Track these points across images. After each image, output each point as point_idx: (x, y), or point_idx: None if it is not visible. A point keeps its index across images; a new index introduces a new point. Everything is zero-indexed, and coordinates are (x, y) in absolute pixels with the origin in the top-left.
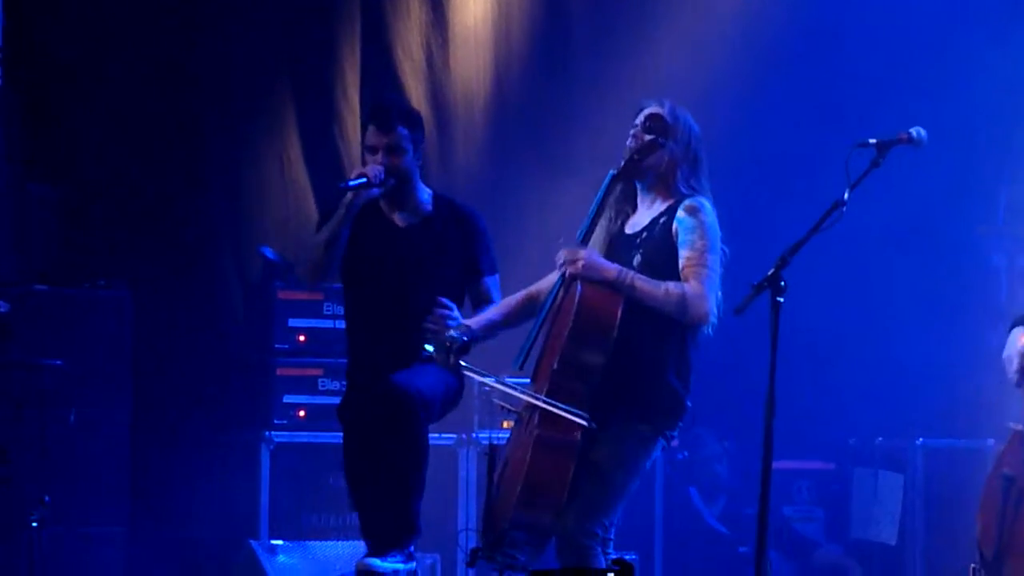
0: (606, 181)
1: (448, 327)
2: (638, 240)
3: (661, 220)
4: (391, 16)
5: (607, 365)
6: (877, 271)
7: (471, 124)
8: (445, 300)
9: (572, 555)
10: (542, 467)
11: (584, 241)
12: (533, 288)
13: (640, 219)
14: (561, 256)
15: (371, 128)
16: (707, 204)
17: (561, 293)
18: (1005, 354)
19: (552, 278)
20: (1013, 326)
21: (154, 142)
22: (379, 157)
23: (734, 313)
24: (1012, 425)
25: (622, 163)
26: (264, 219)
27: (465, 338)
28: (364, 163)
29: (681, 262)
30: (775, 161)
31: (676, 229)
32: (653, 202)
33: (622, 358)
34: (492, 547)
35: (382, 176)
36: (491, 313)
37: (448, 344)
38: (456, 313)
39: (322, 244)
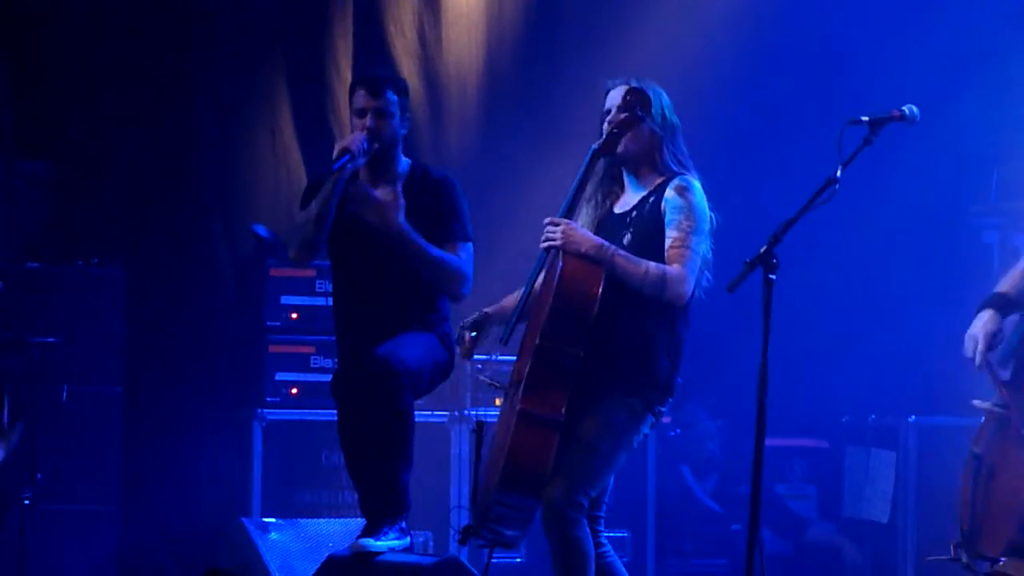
0: (587, 156)
1: (386, 208)
2: (628, 219)
3: (650, 199)
4: None
5: (591, 338)
6: (870, 249)
7: (463, 101)
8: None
9: (556, 527)
10: (525, 442)
11: (567, 216)
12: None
13: (629, 199)
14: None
15: (360, 92)
16: (696, 184)
17: (544, 269)
18: (969, 332)
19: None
20: (980, 307)
21: (145, 118)
22: (367, 120)
23: (727, 291)
24: (975, 403)
25: (602, 138)
26: (256, 196)
27: (473, 334)
28: (352, 128)
29: (667, 242)
30: (767, 138)
31: (664, 208)
32: (641, 181)
33: (612, 333)
34: (478, 522)
35: (365, 144)
36: (506, 300)
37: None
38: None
39: (312, 220)
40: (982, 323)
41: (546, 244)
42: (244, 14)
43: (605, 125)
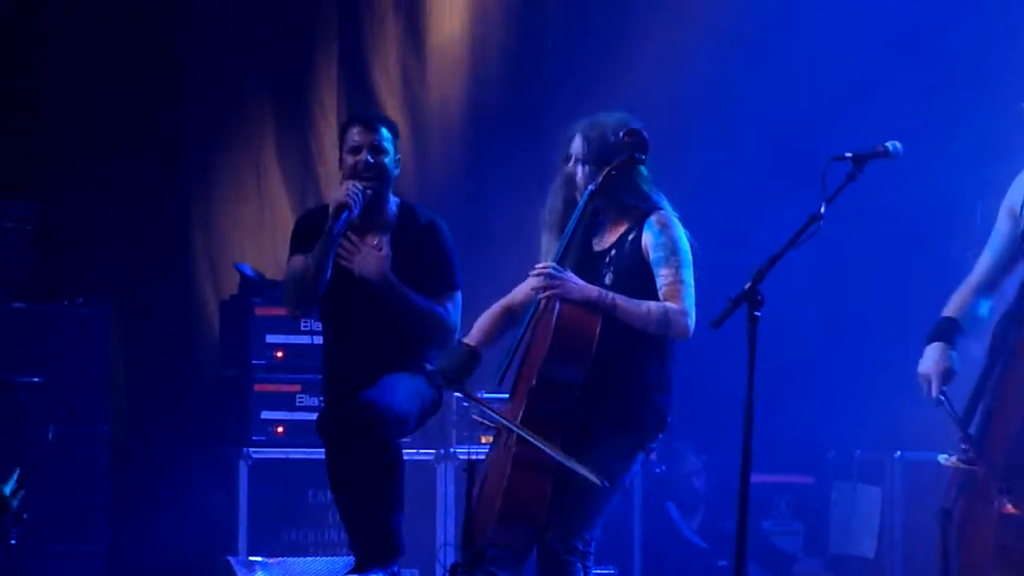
0: (583, 200)
1: (369, 260)
2: (607, 258)
3: (629, 236)
4: (367, 32)
5: (585, 383)
6: (854, 283)
7: (448, 139)
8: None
9: (553, 571)
10: (521, 484)
11: (560, 262)
12: (506, 300)
13: (606, 236)
14: (539, 279)
15: (355, 129)
16: (673, 216)
17: (540, 310)
18: (920, 370)
19: (526, 288)
20: (929, 338)
21: (130, 158)
22: (363, 156)
23: (711, 327)
24: (941, 460)
25: (600, 180)
26: (241, 235)
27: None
28: (343, 165)
29: (659, 281)
30: (752, 173)
31: (647, 245)
32: (617, 217)
33: (603, 375)
34: (471, 564)
35: (359, 196)
36: (483, 323)
37: (446, 369)
38: (388, 260)
39: (311, 277)
40: (932, 361)
41: (546, 294)
42: (229, 54)
43: (577, 168)
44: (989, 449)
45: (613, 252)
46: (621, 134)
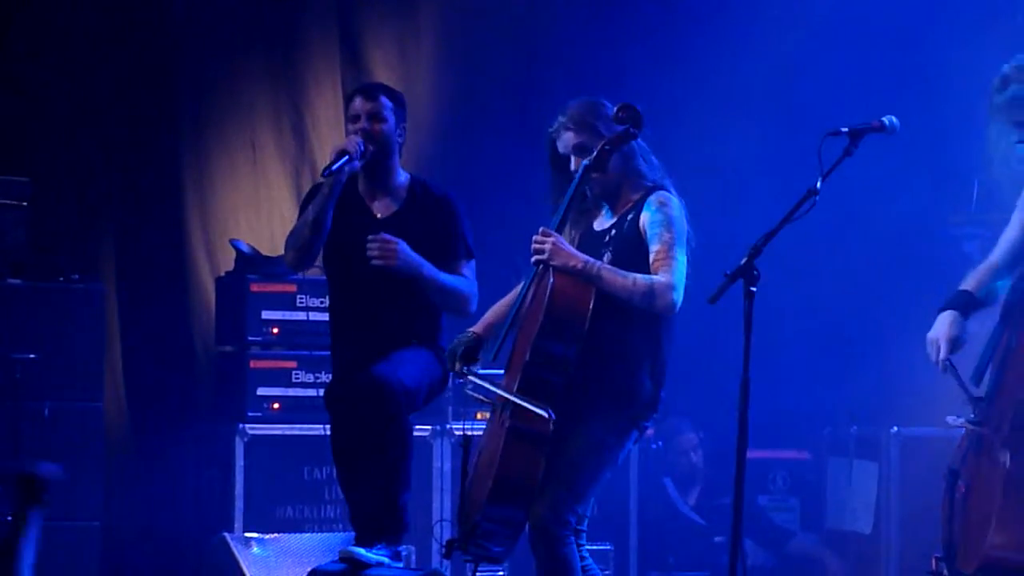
0: (579, 172)
1: (388, 258)
2: (607, 238)
3: (629, 216)
4: (364, 6)
5: (579, 356)
6: (850, 259)
7: (442, 114)
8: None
9: (545, 545)
10: (514, 458)
11: (557, 231)
12: (514, 293)
13: (606, 216)
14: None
15: (356, 99)
16: (673, 197)
17: (534, 284)
18: (930, 336)
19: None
20: (943, 307)
21: (124, 134)
22: (360, 123)
23: (708, 303)
24: (949, 420)
25: (594, 154)
26: (236, 211)
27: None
28: (347, 135)
29: (651, 256)
30: (748, 149)
31: (644, 223)
32: (618, 198)
33: (597, 353)
34: (465, 538)
35: (362, 147)
36: (489, 316)
37: (455, 350)
38: (403, 247)
39: (308, 225)
40: (944, 326)
41: (535, 258)
42: (224, 29)
43: (570, 151)
44: (997, 411)
45: (613, 232)
46: (615, 109)
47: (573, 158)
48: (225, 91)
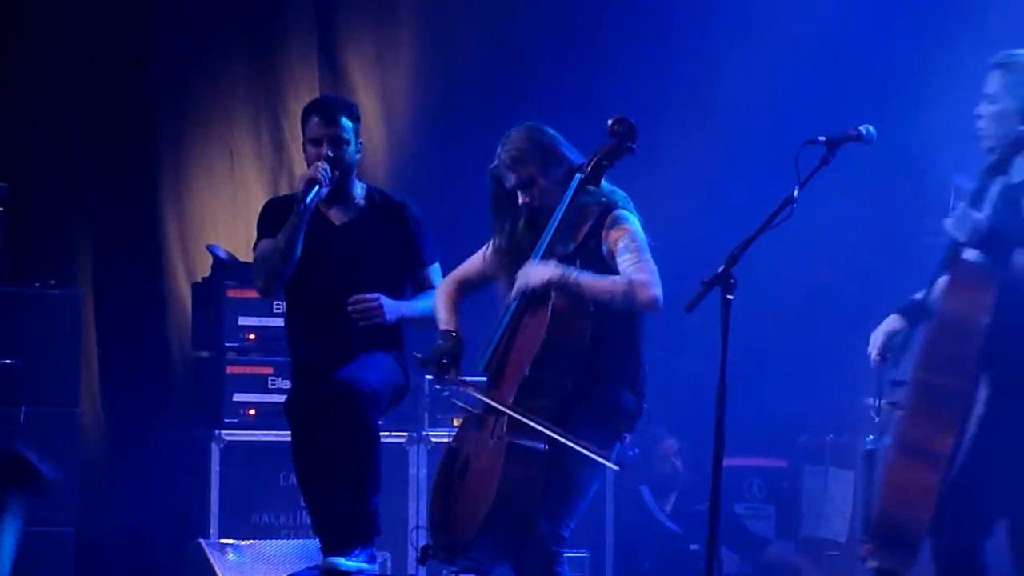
0: (571, 189)
1: (377, 316)
2: (576, 263)
3: (592, 238)
4: (342, 14)
5: (577, 372)
6: (827, 267)
7: (420, 121)
8: (371, 296)
9: (542, 562)
10: (514, 475)
11: (547, 255)
12: (459, 274)
13: (569, 240)
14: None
15: (314, 120)
16: (626, 212)
17: (524, 304)
18: (874, 333)
19: (477, 261)
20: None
21: (103, 139)
22: (323, 149)
23: (685, 311)
24: (871, 402)
25: (588, 168)
26: (214, 217)
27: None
28: (306, 155)
29: (622, 267)
30: (725, 158)
31: (608, 243)
32: (578, 219)
33: (581, 370)
34: (456, 552)
35: (329, 173)
36: (447, 318)
37: (439, 358)
38: (384, 300)
39: (281, 252)
40: (885, 324)
41: (515, 294)
42: (203, 36)
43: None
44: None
45: (579, 255)
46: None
47: (520, 193)
48: (203, 98)
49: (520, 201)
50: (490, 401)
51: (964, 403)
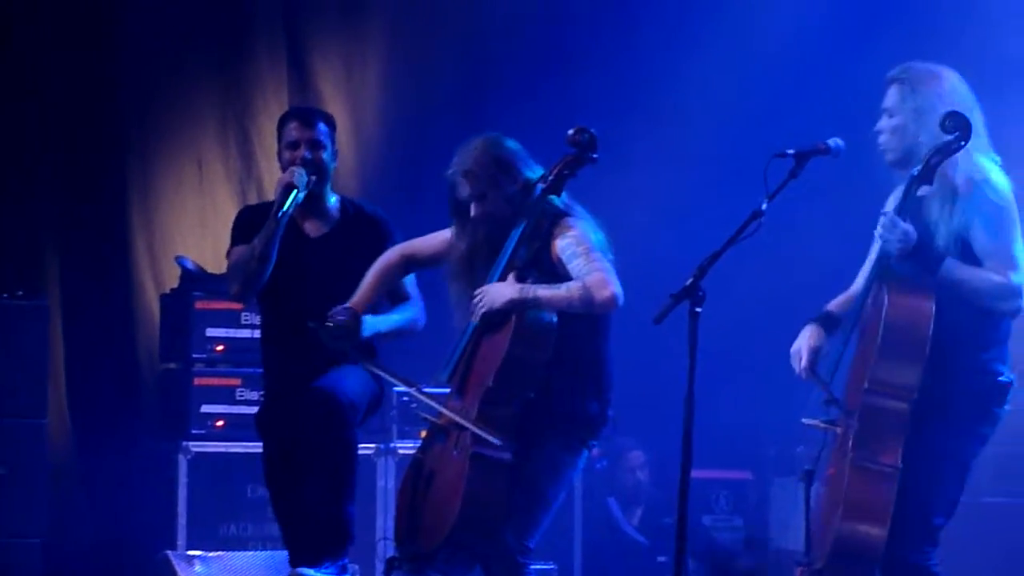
0: (535, 198)
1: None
2: (530, 280)
3: (544, 253)
4: (311, 25)
5: (540, 382)
6: (798, 279)
7: (389, 133)
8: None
9: (506, 571)
10: (479, 486)
11: (507, 270)
12: (409, 248)
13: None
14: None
15: (292, 124)
16: (573, 217)
17: (487, 319)
18: (793, 348)
19: (433, 241)
20: (806, 324)
21: (70, 149)
22: (302, 151)
23: (653, 323)
24: (805, 422)
25: (550, 179)
26: (182, 228)
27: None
28: (281, 161)
29: (575, 273)
30: (695, 171)
31: (557, 254)
32: (530, 235)
33: (543, 379)
34: (422, 562)
35: (306, 176)
36: (366, 290)
37: (335, 328)
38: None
39: (256, 258)
40: (805, 338)
41: (475, 319)
42: (172, 47)
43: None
44: (847, 409)
45: (535, 268)
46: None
47: (473, 205)
48: (172, 109)
49: (472, 212)
50: (447, 411)
51: (910, 412)
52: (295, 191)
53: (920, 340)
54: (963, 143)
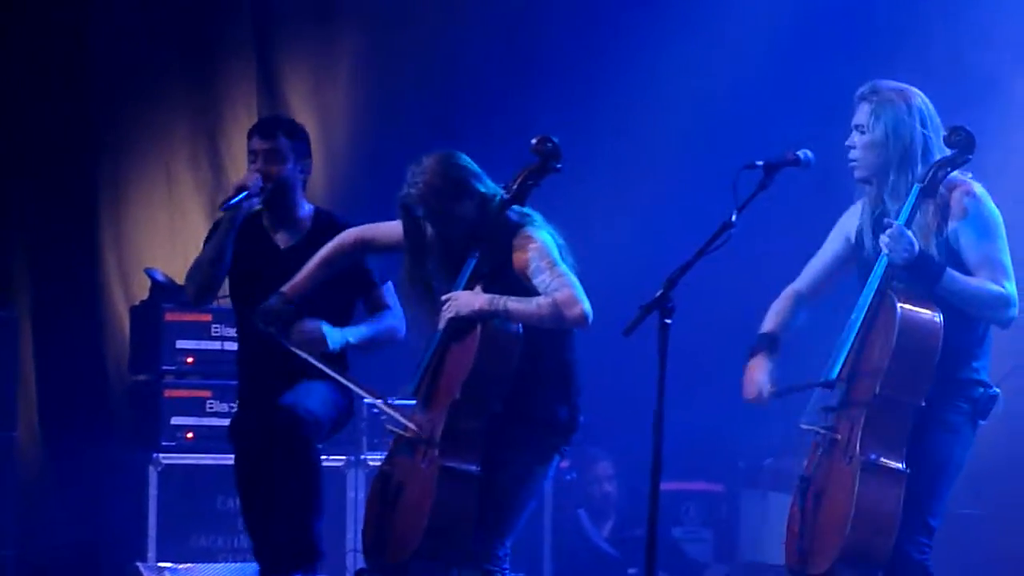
0: (495, 207)
1: (320, 348)
2: (497, 287)
3: (505, 266)
4: (281, 38)
5: (506, 393)
6: (769, 290)
7: (358, 145)
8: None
9: None
10: (448, 498)
11: (471, 281)
12: (368, 232)
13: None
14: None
15: (255, 136)
16: (530, 227)
17: (453, 328)
18: (744, 393)
19: (394, 228)
20: (751, 354)
21: (39, 160)
22: (258, 163)
23: (623, 335)
24: (803, 426)
25: (513, 188)
26: (151, 239)
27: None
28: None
29: (541, 288)
30: (664, 182)
31: (520, 267)
32: (489, 248)
33: (515, 385)
34: (392, 573)
35: (260, 183)
36: (306, 271)
37: (261, 311)
38: (326, 329)
39: (207, 262)
40: (755, 375)
41: (443, 323)
42: (142, 58)
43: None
44: (848, 415)
45: (499, 280)
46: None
47: (428, 223)
48: (141, 120)
49: (428, 231)
50: (409, 423)
51: (914, 420)
52: (245, 192)
53: (931, 351)
54: (969, 156)
